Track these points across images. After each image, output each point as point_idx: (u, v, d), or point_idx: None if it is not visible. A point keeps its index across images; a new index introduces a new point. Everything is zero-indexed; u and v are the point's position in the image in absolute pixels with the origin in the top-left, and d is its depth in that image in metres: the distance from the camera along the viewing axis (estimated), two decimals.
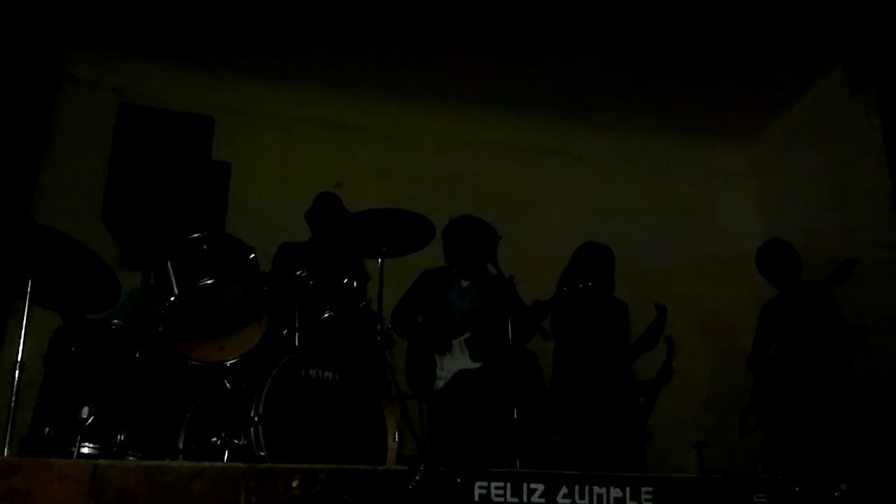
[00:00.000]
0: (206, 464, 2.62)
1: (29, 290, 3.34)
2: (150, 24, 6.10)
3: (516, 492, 2.76)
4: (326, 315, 4.07)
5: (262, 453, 3.29)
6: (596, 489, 2.83)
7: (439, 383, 4.73)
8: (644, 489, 2.88)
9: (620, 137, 7.28)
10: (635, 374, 5.40)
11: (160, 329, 3.82)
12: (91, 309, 3.74)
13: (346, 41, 6.33)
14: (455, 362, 4.77)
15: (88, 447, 3.39)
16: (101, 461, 2.57)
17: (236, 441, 3.45)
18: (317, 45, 6.37)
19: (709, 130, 7.34)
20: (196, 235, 3.87)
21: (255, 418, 3.34)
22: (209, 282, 3.78)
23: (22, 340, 3.28)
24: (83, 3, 5.87)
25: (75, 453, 3.32)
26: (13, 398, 3.19)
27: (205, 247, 3.84)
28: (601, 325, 5.26)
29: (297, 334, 3.93)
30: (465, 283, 5.07)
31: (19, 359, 3.26)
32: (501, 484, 2.75)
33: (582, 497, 2.82)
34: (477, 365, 4.75)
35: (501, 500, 2.74)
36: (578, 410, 5.10)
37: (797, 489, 3.04)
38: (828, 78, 6.68)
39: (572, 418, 5.12)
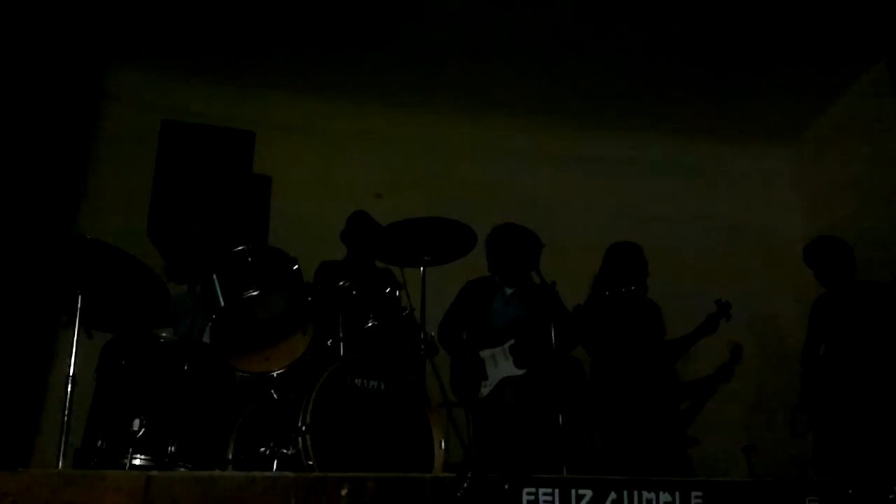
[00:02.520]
0: (256, 473, 2.64)
1: (79, 305, 3.40)
2: (189, 42, 6.20)
3: (564, 498, 2.74)
4: (370, 324, 4.09)
5: (311, 462, 3.31)
6: (645, 494, 2.80)
7: (484, 391, 4.73)
8: (694, 494, 2.85)
9: (661, 140, 7.24)
10: (678, 374, 5.35)
11: (207, 341, 3.87)
12: (143, 322, 3.78)
13: (382, 52, 6.37)
14: (499, 370, 4.77)
15: (140, 459, 3.43)
16: (153, 472, 2.60)
17: (285, 451, 3.47)
18: (353, 57, 6.41)
19: (750, 130, 7.27)
20: (240, 248, 3.91)
21: (303, 428, 3.36)
22: (254, 293, 3.82)
23: (73, 355, 3.34)
24: (124, 24, 5.98)
25: (127, 465, 3.36)
26: (66, 412, 3.25)
27: (249, 259, 3.89)
28: (636, 326, 5.21)
29: (341, 344, 3.95)
30: (509, 291, 5.07)
31: (71, 373, 3.31)
32: (549, 490, 2.74)
33: (631, 502, 2.80)
34: (521, 372, 4.75)
35: None
36: (618, 415, 5.06)
37: (850, 491, 2.99)
38: (870, 74, 6.59)
39: (613, 423, 5.08)
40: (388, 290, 4.26)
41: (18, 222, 4.96)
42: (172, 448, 3.49)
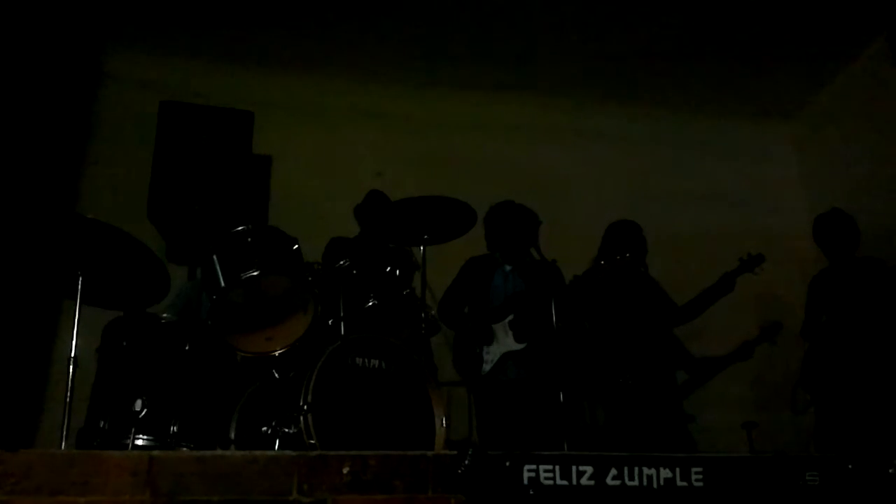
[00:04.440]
0: (258, 453, 2.65)
1: (80, 286, 3.40)
2: (186, 22, 6.17)
3: (565, 474, 2.75)
4: (371, 304, 4.10)
5: (312, 441, 3.33)
6: (645, 470, 2.81)
7: (486, 367, 4.75)
8: (694, 469, 2.85)
9: (661, 116, 7.22)
10: (683, 346, 5.36)
11: (208, 321, 3.88)
12: (142, 302, 3.79)
13: (382, 29, 6.35)
14: (500, 345, 4.79)
15: (143, 439, 3.45)
16: (155, 452, 2.61)
17: (286, 430, 3.49)
18: (353, 34, 6.39)
19: (750, 106, 7.26)
20: (240, 228, 3.90)
21: (305, 407, 3.38)
22: (255, 273, 3.81)
23: (74, 336, 3.35)
24: (121, 3, 5.94)
25: (130, 445, 3.38)
26: (68, 393, 3.26)
27: (249, 239, 3.87)
28: (631, 298, 5.21)
29: (342, 323, 3.96)
30: (508, 268, 5.08)
31: (72, 354, 3.33)
32: (550, 467, 2.74)
33: (632, 478, 2.80)
34: (522, 346, 4.76)
35: (551, 483, 2.73)
36: (617, 390, 5.07)
37: (850, 466, 3.00)
38: (870, 49, 6.56)
39: (613, 399, 5.09)
40: (388, 269, 4.25)
41: (18, 203, 4.95)
42: (175, 428, 3.51)
